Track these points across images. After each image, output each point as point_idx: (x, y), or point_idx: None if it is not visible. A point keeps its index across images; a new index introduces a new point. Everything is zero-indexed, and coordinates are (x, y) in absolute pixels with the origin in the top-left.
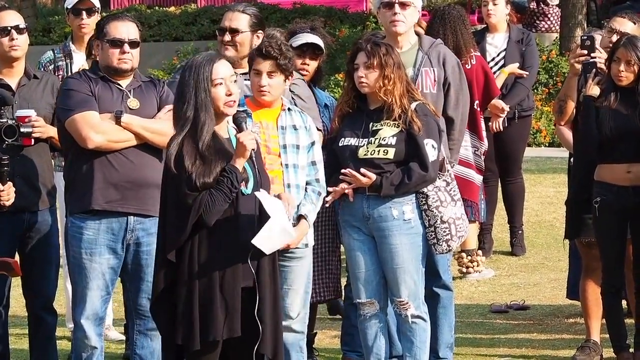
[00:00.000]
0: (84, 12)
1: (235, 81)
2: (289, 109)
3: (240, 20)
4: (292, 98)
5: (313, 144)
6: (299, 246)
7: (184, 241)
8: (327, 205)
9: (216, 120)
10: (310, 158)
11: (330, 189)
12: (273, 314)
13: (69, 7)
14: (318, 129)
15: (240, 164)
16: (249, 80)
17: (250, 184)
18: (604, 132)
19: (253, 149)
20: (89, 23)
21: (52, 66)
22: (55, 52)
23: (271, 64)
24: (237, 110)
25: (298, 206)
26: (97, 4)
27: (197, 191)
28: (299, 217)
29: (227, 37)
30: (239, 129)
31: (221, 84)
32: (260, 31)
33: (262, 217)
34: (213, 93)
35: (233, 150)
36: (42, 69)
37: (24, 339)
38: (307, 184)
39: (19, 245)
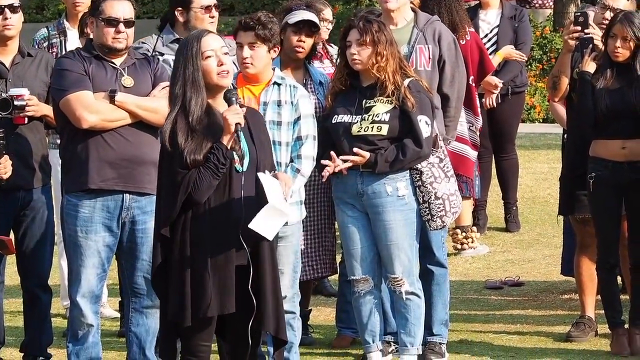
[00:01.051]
0: None
1: (226, 53)
2: (277, 83)
3: None
4: None
5: (299, 118)
6: None
7: (177, 218)
8: (323, 180)
9: (211, 93)
10: (295, 133)
11: (326, 166)
12: (273, 290)
13: None
14: None
15: (226, 140)
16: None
17: (246, 162)
18: (600, 108)
19: (239, 124)
20: (84, 1)
21: (47, 43)
22: (50, 29)
23: (251, 35)
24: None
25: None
26: None
27: (188, 168)
28: None
29: (215, 13)
30: (229, 104)
31: (211, 56)
32: None
33: (259, 197)
34: (204, 66)
35: None
36: (37, 46)
37: (18, 317)
38: (290, 160)
39: (13, 223)
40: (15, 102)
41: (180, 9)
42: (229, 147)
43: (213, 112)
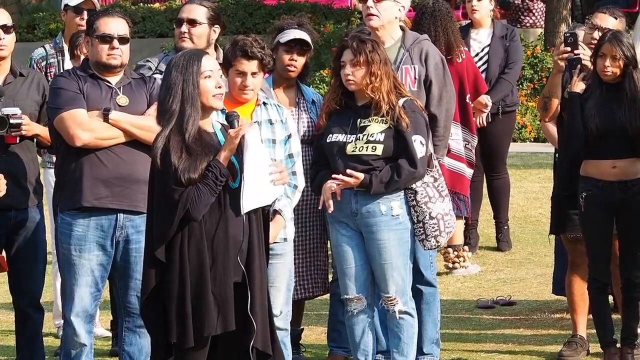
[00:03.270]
0: (85, 12)
1: (222, 76)
2: (264, 103)
3: (198, 11)
4: None
5: (290, 136)
6: (277, 241)
7: (174, 238)
8: (319, 208)
9: (203, 114)
10: (287, 151)
11: (327, 189)
12: (262, 307)
13: (71, 4)
14: None
15: (224, 158)
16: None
17: (238, 178)
18: (590, 128)
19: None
20: None
21: (44, 63)
22: (47, 49)
23: (256, 65)
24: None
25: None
26: (98, 6)
27: (183, 186)
28: (274, 212)
29: (184, 29)
30: (231, 126)
31: (210, 76)
32: (217, 26)
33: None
34: (202, 85)
35: (219, 144)
36: (35, 66)
37: (10, 336)
38: None
39: (5, 242)
40: (11, 121)
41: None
42: (225, 165)
43: (202, 131)
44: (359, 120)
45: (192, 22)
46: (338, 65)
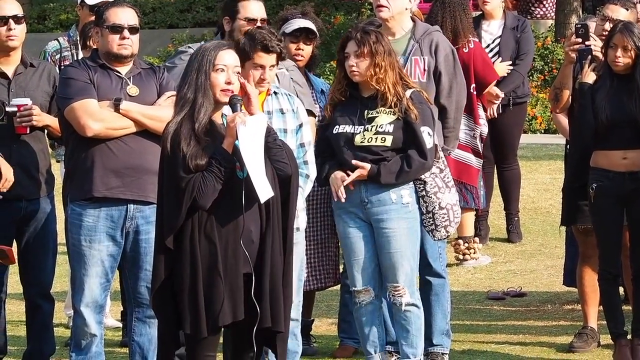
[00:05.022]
0: None
1: (238, 72)
2: (275, 92)
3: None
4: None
5: (301, 125)
6: None
7: (184, 228)
8: (335, 199)
9: (215, 106)
10: (298, 140)
11: (338, 179)
12: (272, 291)
13: (87, 2)
14: (314, 115)
15: (227, 144)
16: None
17: (246, 168)
18: (600, 119)
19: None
20: None
21: (59, 56)
22: (61, 42)
23: (274, 58)
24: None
25: None
26: None
27: (191, 173)
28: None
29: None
30: (233, 110)
31: (222, 70)
32: None
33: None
34: (212, 78)
35: None
36: (49, 59)
37: (21, 326)
38: None
39: (15, 233)
40: (7, 109)
41: (227, 18)
42: (230, 152)
43: (213, 122)
44: (366, 111)
45: (265, 22)
46: (342, 57)
